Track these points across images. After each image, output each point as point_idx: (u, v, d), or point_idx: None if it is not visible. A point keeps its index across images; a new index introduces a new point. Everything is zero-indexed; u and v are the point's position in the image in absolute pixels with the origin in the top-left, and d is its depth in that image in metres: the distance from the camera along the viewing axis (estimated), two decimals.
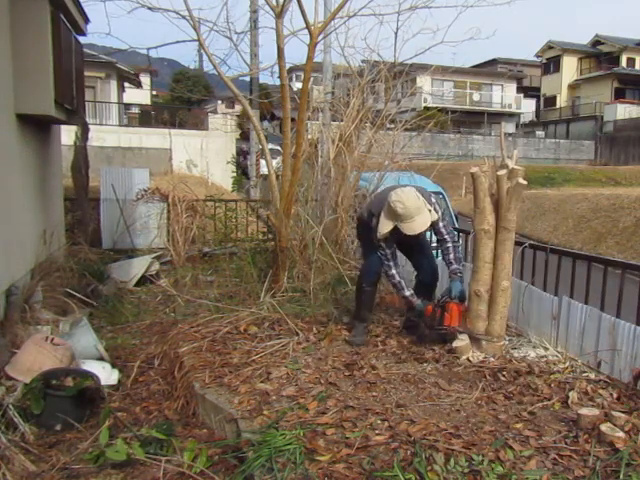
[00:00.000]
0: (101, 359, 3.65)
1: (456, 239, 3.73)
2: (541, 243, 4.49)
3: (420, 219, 3.39)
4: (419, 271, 3.97)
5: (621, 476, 2.08)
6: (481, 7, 5.78)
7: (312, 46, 4.32)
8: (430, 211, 3.44)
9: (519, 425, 2.49)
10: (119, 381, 3.47)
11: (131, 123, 23.72)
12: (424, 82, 26.07)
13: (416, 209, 3.36)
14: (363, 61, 6.37)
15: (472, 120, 35.56)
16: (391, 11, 5.37)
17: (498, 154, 3.52)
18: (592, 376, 2.98)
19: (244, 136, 18.94)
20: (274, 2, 4.48)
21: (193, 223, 7.05)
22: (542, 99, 42.92)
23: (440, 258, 4.97)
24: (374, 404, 2.69)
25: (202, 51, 5.07)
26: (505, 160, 3.31)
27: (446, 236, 3.59)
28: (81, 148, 6.62)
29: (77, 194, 6.79)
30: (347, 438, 2.37)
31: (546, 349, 3.39)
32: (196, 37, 5.00)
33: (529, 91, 42.73)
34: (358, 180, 5.86)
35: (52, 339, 3.37)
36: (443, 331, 3.40)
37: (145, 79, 29.89)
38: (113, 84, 23.69)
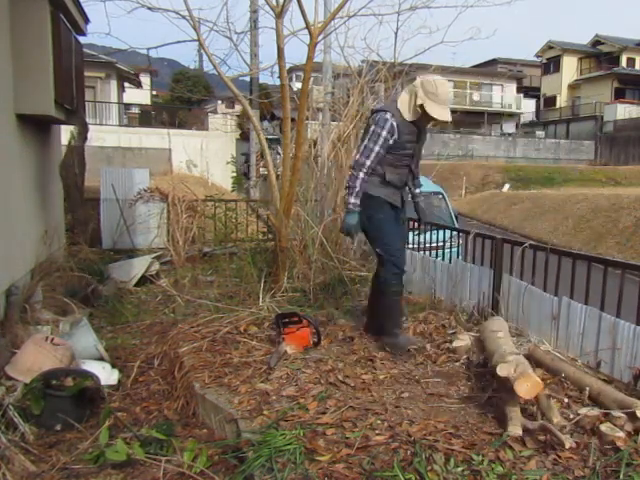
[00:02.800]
0: (101, 359, 3.64)
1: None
2: (541, 243, 4.48)
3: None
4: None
5: (621, 476, 2.08)
6: (481, 7, 5.80)
7: (312, 46, 4.33)
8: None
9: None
10: (119, 381, 3.47)
11: (131, 123, 23.76)
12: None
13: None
14: (363, 61, 6.38)
15: (472, 120, 35.57)
16: (391, 11, 5.39)
17: (498, 154, 3.51)
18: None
19: (244, 136, 18.94)
20: (274, 2, 4.48)
21: (193, 223, 7.05)
22: (542, 99, 42.94)
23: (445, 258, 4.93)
24: (374, 404, 2.69)
25: (202, 51, 5.07)
26: None
27: None
28: (79, 148, 6.62)
29: (71, 194, 6.78)
30: (347, 438, 2.37)
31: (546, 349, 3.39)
32: (196, 37, 5.01)
33: (529, 91, 42.76)
34: None
35: (52, 339, 3.37)
36: None
37: (145, 79, 29.90)
38: (113, 84, 23.71)
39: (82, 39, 6.47)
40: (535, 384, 2.43)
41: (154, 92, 36.22)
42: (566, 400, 2.61)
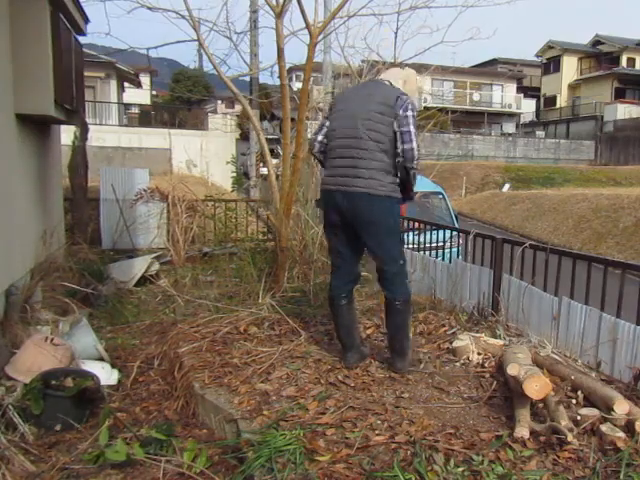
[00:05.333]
0: (101, 359, 3.64)
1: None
2: (541, 243, 4.49)
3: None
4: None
5: (621, 476, 2.08)
6: (481, 7, 5.79)
7: (312, 46, 4.32)
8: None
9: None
10: (119, 381, 3.47)
11: (131, 123, 23.74)
12: (424, 82, 26.09)
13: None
14: (363, 61, 6.38)
15: (472, 120, 35.58)
16: (391, 11, 5.38)
17: (498, 154, 3.50)
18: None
19: (244, 136, 18.95)
20: (274, 2, 4.48)
21: (193, 223, 7.05)
22: (542, 99, 42.95)
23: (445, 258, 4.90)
24: (374, 404, 2.69)
25: (202, 51, 5.07)
26: None
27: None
28: (80, 148, 6.62)
29: (75, 194, 6.80)
30: (347, 438, 2.37)
31: (546, 349, 3.38)
32: (196, 37, 5.01)
33: (529, 91, 42.78)
34: None
35: (52, 339, 3.37)
36: None
37: (145, 79, 29.90)
38: (113, 84, 23.71)
39: (82, 39, 6.47)
40: (545, 385, 2.44)
41: (154, 92, 36.22)
42: (573, 401, 2.61)
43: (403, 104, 2.90)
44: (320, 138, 3.11)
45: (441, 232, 5.12)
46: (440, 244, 5.13)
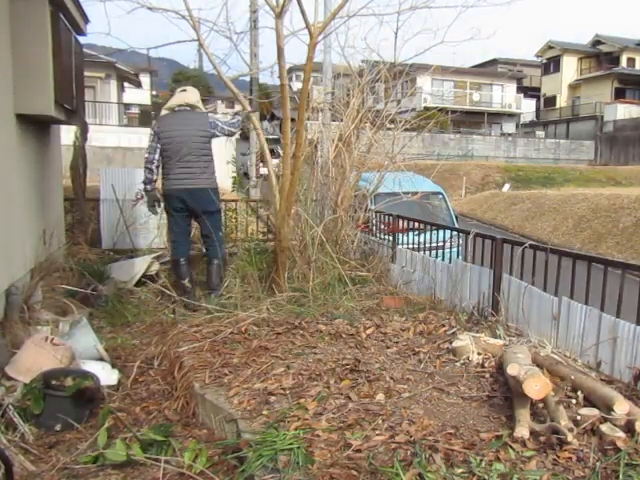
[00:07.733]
0: (101, 359, 3.64)
1: None
2: (541, 243, 4.48)
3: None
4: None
5: (621, 476, 2.08)
6: (481, 7, 5.78)
7: (312, 46, 4.33)
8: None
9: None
10: (119, 381, 3.46)
11: (131, 123, 23.76)
12: (424, 82, 26.11)
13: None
14: (363, 61, 6.38)
15: (472, 120, 35.58)
16: (391, 11, 5.37)
17: (498, 154, 3.50)
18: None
19: (244, 136, 18.93)
20: (274, 2, 4.48)
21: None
22: (542, 99, 42.97)
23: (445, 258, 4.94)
24: (374, 404, 2.69)
25: (202, 51, 5.08)
26: None
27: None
28: (80, 148, 6.63)
29: (75, 194, 6.79)
30: (347, 438, 2.37)
31: (546, 349, 3.38)
32: (196, 37, 5.01)
33: (529, 91, 42.79)
34: (358, 180, 5.87)
35: (52, 339, 3.37)
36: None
37: (145, 79, 29.91)
38: (113, 84, 23.74)
39: (82, 39, 6.47)
40: (545, 385, 2.44)
41: (154, 92, 36.23)
42: (573, 401, 2.61)
43: (212, 122, 4.90)
44: (157, 157, 4.90)
45: (441, 232, 5.12)
46: (440, 244, 5.13)
